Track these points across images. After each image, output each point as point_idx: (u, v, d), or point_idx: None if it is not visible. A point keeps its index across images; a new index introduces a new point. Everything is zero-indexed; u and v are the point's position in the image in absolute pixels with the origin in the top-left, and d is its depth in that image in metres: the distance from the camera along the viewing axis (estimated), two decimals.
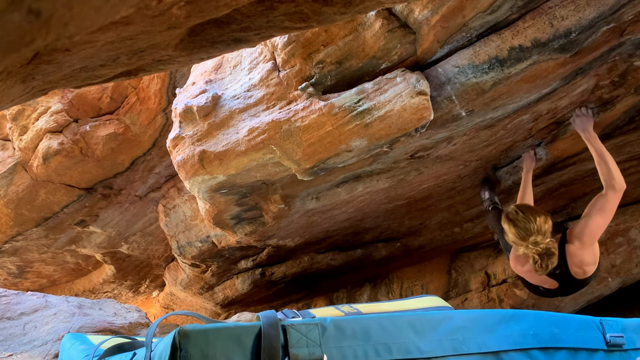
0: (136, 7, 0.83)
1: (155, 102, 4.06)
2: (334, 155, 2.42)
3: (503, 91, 2.31)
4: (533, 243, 2.37)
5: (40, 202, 4.41)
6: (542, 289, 2.74)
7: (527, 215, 2.43)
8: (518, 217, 2.45)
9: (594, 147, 2.61)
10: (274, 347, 0.87)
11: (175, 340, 0.84)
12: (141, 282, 6.16)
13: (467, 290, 5.25)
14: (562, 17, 1.99)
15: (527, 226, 2.40)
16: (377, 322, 0.98)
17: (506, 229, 2.50)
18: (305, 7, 1.15)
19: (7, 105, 1.24)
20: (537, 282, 2.68)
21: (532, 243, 2.37)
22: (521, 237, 2.41)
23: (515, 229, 2.44)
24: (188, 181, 2.74)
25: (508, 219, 2.49)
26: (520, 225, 2.42)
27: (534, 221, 2.40)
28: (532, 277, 2.65)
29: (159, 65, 1.29)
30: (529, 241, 2.38)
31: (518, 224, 2.43)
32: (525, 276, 2.71)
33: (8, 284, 5.66)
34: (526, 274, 2.67)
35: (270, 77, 2.45)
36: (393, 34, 2.10)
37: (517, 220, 2.44)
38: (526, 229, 2.40)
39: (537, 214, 2.44)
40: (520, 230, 2.42)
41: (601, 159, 2.55)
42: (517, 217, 2.45)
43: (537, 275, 2.54)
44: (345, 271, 5.14)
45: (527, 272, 2.64)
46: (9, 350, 2.53)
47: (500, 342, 1.06)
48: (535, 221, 2.40)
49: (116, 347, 1.43)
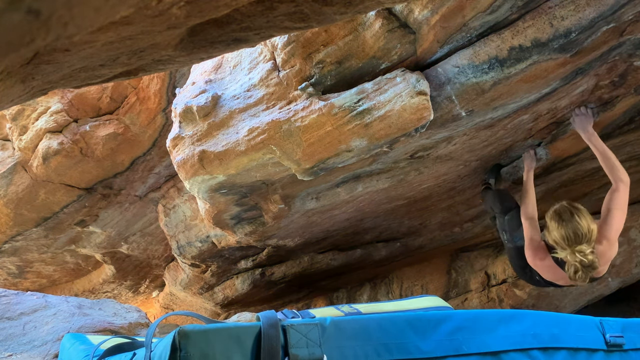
0: (136, 7, 0.83)
1: (155, 102, 4.06)
2: (334, 155, 2.42)
3: (503, 91, 2.31)
4: (579, 252, 2.21)
5: (40, 202, 4.41)
6: (552, 284, 2.64)
7: (579, 218, 2.26)
8: (569, 218, 2.27)
9: (596, 146, 2.60)
10: (274, 347, 0.87)
11: (175, 340, 0.83)
12: (141, 282, 6.16)
13: (467, 290, 5.25)
14: (562, 17, 1.99)
15: (577, 231, 2.23)
16: (377, 322, 0.98)
17: (552, 227, 2.32)
18: (305, 7, 1.15)
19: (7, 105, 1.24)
20: (552, 279, 2.55)
21: (578, 252, 2.21)
22: (569, 241, 2.24)
23: (564, 230, 2.26)
24: (188, 181, 2.74)
25: (558, 217, 2.31)
26: (570, 228, 2.25)
27: (585, 226, 2.24)
28: (549, 274, 2.52)
29: (158, 65, 1.29)
30: (575, 248, 2.22)
31: (568, 226, 2.25)
32: (541, 270, 2.56)
33: (8, 284, 5.66)
34: (544, 269, 2.52)
35: (270, 77, 2.45)
36: (393, 34, 2.10)
37: (568, 221, 2.26)
38: (576, 234, 2.23)
39: (587, 218, 2.29)
40: (569, 232, 2.24)
41: (604, 156, 2.55)
42: (568, 218, 2.27)
43: (557, 273, 2.43)
44: (345, 271, 5.14)
45: (546, 267, 2.50)
46: (8, 350, 2.53)
47: (500, 342, 1.06)
48: (585, 227, 2.24)
49: (116, 347, 1.43)
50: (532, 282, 2.81)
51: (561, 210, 2.34)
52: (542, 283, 2.72)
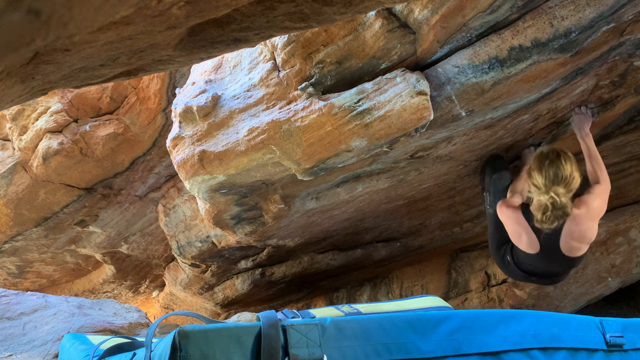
0: (136, 7, 0.83)
1: (155, 102, 4.06)
2: (334, 155, 2.42)
3: (503, 91, 2.31)
4: (554, 192, 2.20)
5: (40, 202, 4.41)
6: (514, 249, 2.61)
7: (564, 161, 2.24)
8: (553, 159, 2.25)
9: (588, 146, 2.62)
10: (274, 347, 0.87)
11: (175, 340, 0.83)
12: (141, 282, 6.16)
13: (467, 290, 5.25)
14: (562, 17, 1.99)
15: (558, 172, 2.22)
16: (377, 322, 0.98)
17: (534, 166, 2.30)
18: (305, 7, 1.15)
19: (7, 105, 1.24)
20: (515, 232, 2.51)
21: (553, 191, 2.20)
22: (547, 181, 2.23)
23: (545, 171, 2.24)
24: (188, 181, 2.74)
25: (543, 157, 2.29)
26: (552, 169, 2.23)
27: (567, 170, 2.23)
28: (515, 224, 2.49)
29: (158, 65, 1.29)
30: (550, 189, 2.21)
31: (550, 166, 2.24)
32: (508, 221, 2.53)
33: (8, 284, 5.66)
34: (511, 219, 2.50)
35: (270, 77, 2.45)
36: (393, 34, 2.10)
37: (552, 161, 2.25)
38: (556, 174, 2.22)
39: (573, 165, 2.27)
40: (549, 173, 2.23)
41: (594, 158, 2.57)
42: (553, 159, 2.25)
43: (520, 223, 2.41)
44: (345, 271, 5.14)
45: (513, 218, 2.49)
46: (8, 350, 2.53)
47: (500, 342, 1.06)
48: (568, 170, 2.23)
49: (116, 347, 1.43)
50: (503, 265, 2.80)
51: (548, 150, 2.32)
52: (512, 266, 2.69)
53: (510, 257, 2.71)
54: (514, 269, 2.73)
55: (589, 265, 4.52)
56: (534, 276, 2.69)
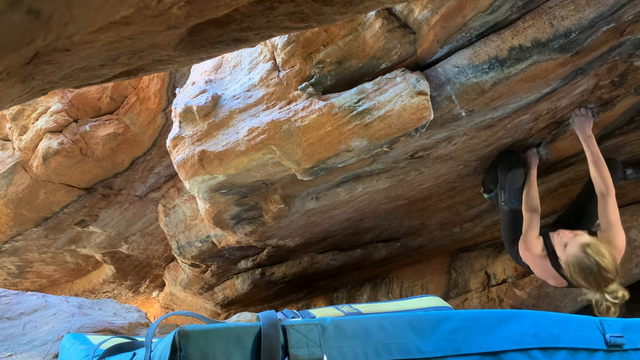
0: (136, 7, 0.83)
1: (155, 102, 4.06)
2: (334, 155, 2.42)
3: (503, 91, 2.31)
4: (611, 293, 2.15)
5: (40, 202, 4.41)
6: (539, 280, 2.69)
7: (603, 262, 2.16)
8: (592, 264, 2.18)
9: (591, 149, 2.62)
10: (273, 347, 0.87)
11: (175, 340, 0.83)
12: (141, 282, 6.16)
13: (467, 290, 5.25)
14: (562, 17, 1.99)
15: (603, 275, 2.16)
16: (377, 322, 0.98)
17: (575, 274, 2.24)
18: (305, 7, 1.15)
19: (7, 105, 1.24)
20: (542, 277, 2.54)
21: (609, 293, 2.15)
22: (597, 286, 2.18)
23: (592, 278, 2.18)
24: (188, 181, 2.74)
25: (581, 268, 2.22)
26: (595, 273, 2.17)
27: (611, 267, 2.17)
28: (540, 271, 2.49)
29: (158, 65, 1.29)
30: (605, 289, 2.16)
31: (592, 271, 2.18)
32: (532, 264, 2.51)
33: (8, 284, 5.66)
34: (536, 264, 2.48)
35: (270, 77, 2.45)
36: (393, 34, 2.10)
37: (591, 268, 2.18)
38: (603, 278, 2.16)
39: (608, 254, 2.22)
40: (596, 279, 2.17)
41: (598, 161, 2.58)
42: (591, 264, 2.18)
43: (546, 270, 2.43)
44: (345, 271, 5.14)
45: (539, 264, 2.46)
46: (8, 350, 2.53)
47: (500, 342, 1.06)
48: (612, 267, 2.17)
49: (116, 347, 1.43)
50: (517, 260, 2.79)
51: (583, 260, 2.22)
52: (527, 267, 2.70)
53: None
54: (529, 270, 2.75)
55: None
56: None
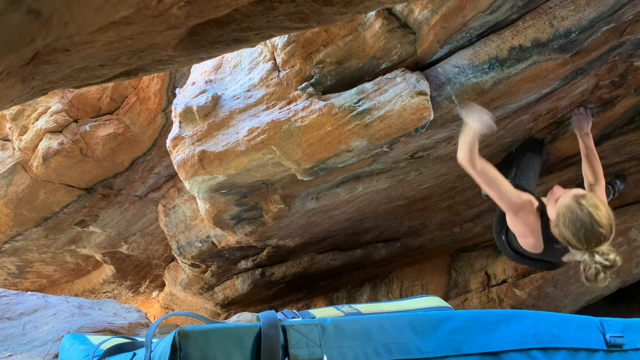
0: (136, 7, 0.83)
1: (155, 102, 4.06)
2: (334, 156, 2.42)
3: (503, 91, 2.31)
4: (601, 254, 1.92)
5: (40, 202, 4.41)
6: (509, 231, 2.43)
7: (598, 215, 1.93)
8: (584, 216, 1.94)
9: (587, 145, 2.57)
10: (274, 347, 0.87)
11: (175, 340, 0.83)
12: (141, 282, 6.16)
13: (467, 290, 5.25)
14: (562, 17, 1.99)
15: (596, 229, 1.92)
16: (377, 323, 0.98)
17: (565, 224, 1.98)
18: (305, 7, 1.15)
19: (7, 105, 1.24)
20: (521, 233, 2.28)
21: (600, 254, 1.92)
22: (587, 243, 1.94)
23: (582, 232, 1.93)
24: (188, 181, 2.74)
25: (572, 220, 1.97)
26: (587, 227, 1.93)
27: (606, 223, 1.93)
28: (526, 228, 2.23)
29: (158, 65, 1.29)
30: (594, 249, 1.93)
31: (584, 224, 1.93)
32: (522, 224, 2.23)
33: (8, 284, 5.66)
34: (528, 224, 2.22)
35: (270, 77, 2.45)
36: (393, 34, 2.10)
37: (583, 220, 1.94)
38: (594, 233, 1.92)
39: (605, 209, 1.98)
40: (587, 234, 1.93)
41: (593, 157, 2.54)
42: (584, 216, 1.94)
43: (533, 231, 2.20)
44: (345, 271, 5.14)
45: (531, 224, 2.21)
46: (9, 350, 2.53)
47: (500, 342, 1.06)
48: (607, 223, 1.94)
49: (116, 347, 1.43)
50: (498, 240, 2.67)
51: (575, 211, 2.00)
52: (506, 246, 2.55)
53: (505, 237, 2.58)
54: (508, 249, 2.60)
55: None
56: (528, 259, 2.52)
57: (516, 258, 2.64)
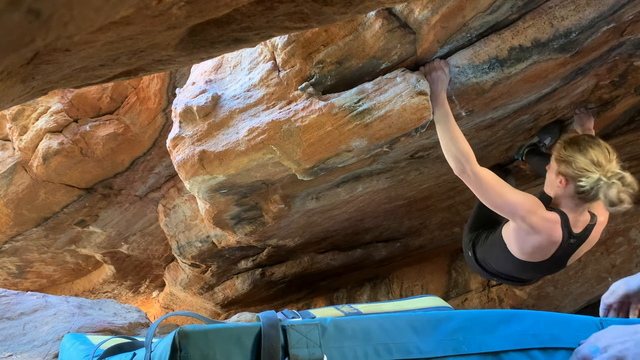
0: (136, 7, 0.83)
1: (155, 102, 4.06)
2: (334, 156, 2.42)
3: (503, 91, 2.31)
4: (616, 174, 1.87)
5: (40, 202, 4.41)
6: (477, 246, 2.37)
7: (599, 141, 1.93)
8: (591, 140, 1.95)
9: None
10: (274, 347, 0.87)
11: (175, 340, 0.83)
12: (141, 282, 6.16)
13: (467, 290, 5.25)
14: (562, 17, 1.99)
15: (600, 144, 1.91)
16: (377, 323, 0.98)
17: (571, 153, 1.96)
18: (305, 7, 1.15)
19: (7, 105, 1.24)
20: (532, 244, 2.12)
21: (614, 174, 1.87)
22: (597, 159, 1.90)
23: (589, 147, 1.92)
24: (188, 181, 2.74)
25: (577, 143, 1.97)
26: (592, 144, 1.94)
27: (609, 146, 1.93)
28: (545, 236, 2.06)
29: (159, 65, 1.29)
30: (610, 170, 1.87)
31: (594, 148, 1.92)
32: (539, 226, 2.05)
33: (8, 284, 5.66)
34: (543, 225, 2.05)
35: (270, 77, 2.45)
36: (393, 34, 2.10)
37: (590, 143, 1.94)
38: (601, 148, 1.91)
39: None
40: (597, 154, 1.91)
41: None
42: (590, 140, 1.95)
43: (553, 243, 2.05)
44: (345, 271, 5.14)
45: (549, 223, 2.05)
46: (9, 351, 2.53)
47: (500, 342, 1.06)
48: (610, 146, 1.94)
49: (116, 348, 1.43)
50: (466, 253, 2.54)
51: (577, 137, 2.04)
52: (472, 261, 2.46)
53: (473, 253, 2.50)
54: (474, 264, 2.54)
55: (589, 265, 4.52)
56: (498, 277, 2.47)
57: (484, 274, 2.54)
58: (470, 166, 2.12)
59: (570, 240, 2.13)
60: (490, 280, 5.10)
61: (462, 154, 2.15)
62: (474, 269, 2.64)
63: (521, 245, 2.20)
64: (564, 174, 2.06)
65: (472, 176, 2.13)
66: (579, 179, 1.98)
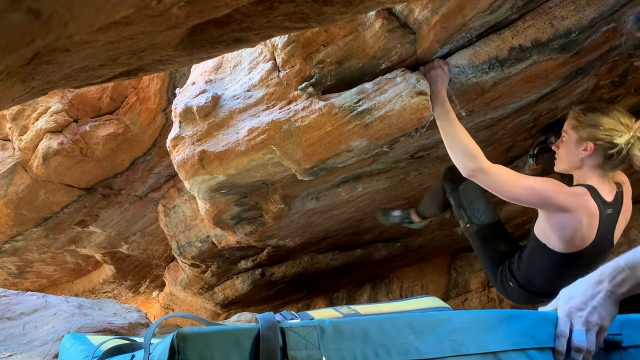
0: (136, 7, 0.83)
1: (155, 102, 4.06)
2: (334, 156, 2.42)
3: (503, 91, 2.31)
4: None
5: (40, 202, 4.41)
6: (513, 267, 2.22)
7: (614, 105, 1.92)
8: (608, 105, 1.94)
9: None
10: (272, 349, 0.87)
11: (173, 343, 0.83)
12: (141, 282, 6.16)
13: (467, 290, 5.25)
14: (562, 17, 1.99)
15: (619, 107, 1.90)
16: (375, 324, 0.98)
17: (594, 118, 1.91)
18: (305, 7, 1.15)
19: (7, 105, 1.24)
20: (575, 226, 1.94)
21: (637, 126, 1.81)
22: (623, 119, 1.86)
23: (615, 113, 1.89)
24: (188, 181, 2.74)
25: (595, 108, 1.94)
26: (618, 110, 1.92)
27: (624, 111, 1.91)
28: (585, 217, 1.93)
29: (159, 65, 1.29)
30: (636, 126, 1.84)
31: (608, 107, 1.92)
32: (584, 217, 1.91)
33: (8, 284, 5.66)
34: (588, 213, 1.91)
35: (270, 77, 2.45)
36: (393, 34, 2.10)
37: (609, 107, 1.93)
38: (621, 111, 1.89)
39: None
40: (620, 115, 1.89)
41: None
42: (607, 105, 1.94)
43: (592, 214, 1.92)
44: (345, 271, 5.14)
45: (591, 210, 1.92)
46: (9, 351, 2.53)
47: (499, 342, 1.06)
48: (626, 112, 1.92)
49: (115, 349, 1.43)
50: (503, 289, 2.37)
51: (593, 103, 2.01)
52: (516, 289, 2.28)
53: (514, 281, 2.30)
54: (519, 291, 2.32)
55: None
56: (546, 296, 2.21)
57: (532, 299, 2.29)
58: (479, 163, 2.00)
59: (607, 211, 1.99)
60: (490, 280, 5.10)
61: (468, 150, 2.05)
62: (520, 299, 2.35)
63: (562, 233, 2.00)
64: (590, 138, 1.95)
65: (482, 173, 2.00)
66: (611, 139, 1.91)
